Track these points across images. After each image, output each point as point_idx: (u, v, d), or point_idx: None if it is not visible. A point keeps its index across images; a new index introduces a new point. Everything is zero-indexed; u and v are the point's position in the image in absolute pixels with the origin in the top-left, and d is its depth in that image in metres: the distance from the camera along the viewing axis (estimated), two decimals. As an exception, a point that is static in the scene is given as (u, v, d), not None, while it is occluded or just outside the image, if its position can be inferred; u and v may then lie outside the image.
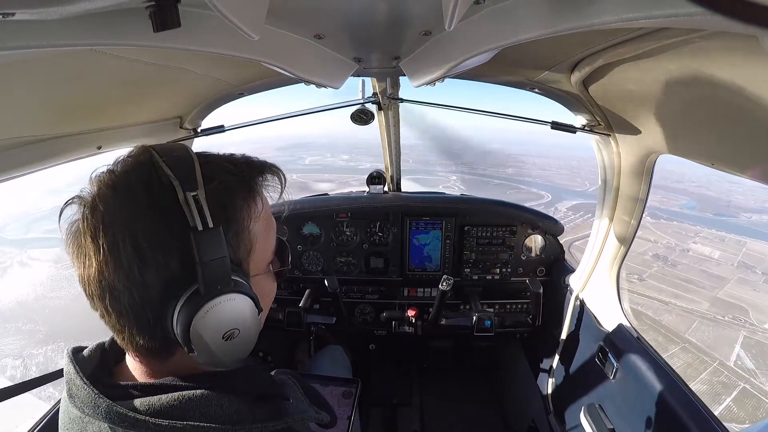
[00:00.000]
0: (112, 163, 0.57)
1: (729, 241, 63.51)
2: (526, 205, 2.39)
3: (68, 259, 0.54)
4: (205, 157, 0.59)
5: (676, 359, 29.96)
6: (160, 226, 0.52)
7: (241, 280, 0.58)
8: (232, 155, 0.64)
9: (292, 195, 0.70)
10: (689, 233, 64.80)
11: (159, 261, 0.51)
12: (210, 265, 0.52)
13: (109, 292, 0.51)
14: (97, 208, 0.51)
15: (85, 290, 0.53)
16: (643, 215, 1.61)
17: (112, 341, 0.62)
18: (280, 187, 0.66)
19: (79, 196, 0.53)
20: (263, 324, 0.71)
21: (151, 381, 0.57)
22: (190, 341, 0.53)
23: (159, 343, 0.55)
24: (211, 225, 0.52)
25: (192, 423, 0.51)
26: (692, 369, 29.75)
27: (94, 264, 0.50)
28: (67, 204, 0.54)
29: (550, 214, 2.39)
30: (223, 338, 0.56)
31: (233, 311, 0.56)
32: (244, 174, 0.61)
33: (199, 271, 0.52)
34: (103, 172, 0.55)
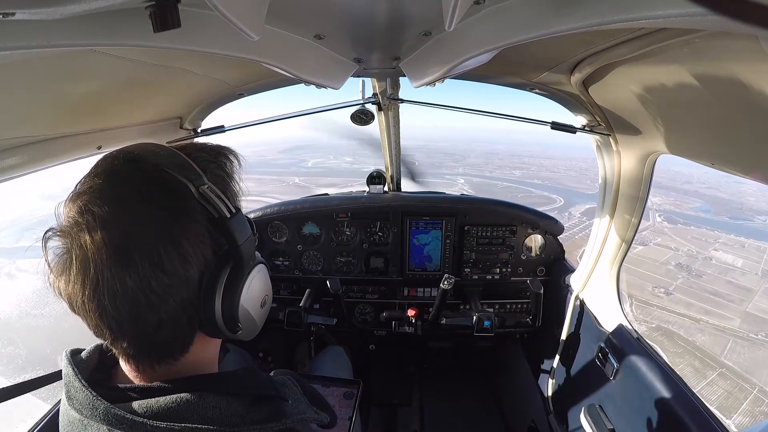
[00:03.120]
0: (88, 184, 0.51)
1: (749, 247, 61.40)
2: (539, 209, 2.39)
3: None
4: (183, 150, 0.60)
5: (715, 386, 28.36)
6: (191, 224, 0.54)
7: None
8: (193, 144, 0.67)
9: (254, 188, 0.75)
10: (709, 239, 62.36)
11: (199, 257, 0.54)
12: (245, 245, 0.58)
13: (146, 307, 0.50)
14: (110, 227, 0.47)
15: (110, 323, 0.50)
16: (643, 215, 1.61)
17: None
18: (238, 166, 0.68)
19: (67, 227, 0.49)
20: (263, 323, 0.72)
21: (149, 383, 0.57)
22: (239, 319, 0.59)
23: (181, 343, 0.57)
24: (233, 210, 0.57)
25: (189, 425, 0.51)
26: (732, 398, 27.77)
27: (129, 285, 0.48)
28: (48, 238, 0.50)
29: (565, 219, 2.38)
30: (260, 306, 0.64)
31: (262, 279, 0.65)
32: (219, 160, 0.64)
33: (240, 252, 0.57)
34: (92, 197, 0.49)
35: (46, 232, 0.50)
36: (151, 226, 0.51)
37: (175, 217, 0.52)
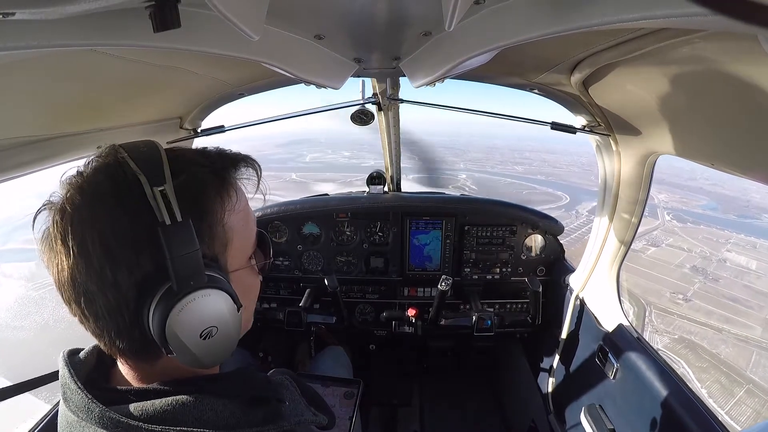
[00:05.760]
0: (83, 165, 0.55)
1: (761, 247, 59.09)
2: (546, 207, 2.38)
3: (41, 276, 0.52)
4: (176, 152, 0.58)
5: (743, 406, 26.49)
6: (129, 223, 0.50)
7: (216, 275, 0.55)
8: (205, 149, 0.62)
9: (268, 185, 0.69)
10: (720, 239, 59.92)
11: (130, 260, 0.50)
12: (180, 260, 0.50)
13: (84, 296, 0.50)
14: (65, 210, 0.50)
15: (61, 296, 0.52)
16: (647, 215, 1.61)
17: None
18: (256, 179, 0.64)
19: (50, 201, 0.52)
20: (252, 322, 0.69)
21: (145, 385, 0.56)
22: (167, 341, 0.51)
23: (139, 346, 0.54)
24: (179, 219, 0.50)
25: (186, 429, 0.50)
26: (762, 419, 25.24)
27: (66, 268, 0.49)
28: (39, 211, 0.52)
29: (572, 218, 2.37)
30: (200, 337, 0.53)
31: (209, 308, 0.53)
32: (216, 166, 0.59)
33: (169, 266, 0.50)
34: (72, 175, 0.53)
35: (37, 211, 0.53)
36: (88, 214, 0.49)
37: (110, 212, 0.50)
